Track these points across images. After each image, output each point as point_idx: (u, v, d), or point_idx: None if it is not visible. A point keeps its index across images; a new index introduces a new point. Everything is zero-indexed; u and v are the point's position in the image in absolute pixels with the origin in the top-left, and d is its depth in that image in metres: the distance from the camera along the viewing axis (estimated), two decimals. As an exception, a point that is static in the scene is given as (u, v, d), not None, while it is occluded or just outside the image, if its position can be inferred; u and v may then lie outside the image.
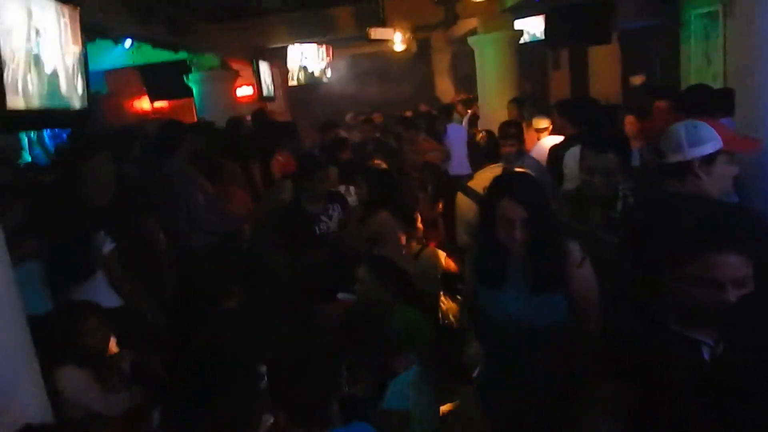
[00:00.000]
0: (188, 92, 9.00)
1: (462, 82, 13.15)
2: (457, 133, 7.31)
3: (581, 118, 4.24)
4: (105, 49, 6.82)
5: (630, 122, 5.51)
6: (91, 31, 4.99)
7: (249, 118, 7.44)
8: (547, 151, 5.13)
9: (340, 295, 2.93)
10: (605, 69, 10.87)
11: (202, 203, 4.39)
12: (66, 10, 3.32)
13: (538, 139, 6.27)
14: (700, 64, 8.12)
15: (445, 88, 13.86)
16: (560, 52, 12.42)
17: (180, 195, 4.30)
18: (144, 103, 9.74)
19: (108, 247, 3.31)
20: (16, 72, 2.73)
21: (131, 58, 8.04)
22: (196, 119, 8.44)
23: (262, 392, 1.83)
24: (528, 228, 2.08)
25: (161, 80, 8.86)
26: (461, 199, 3.83)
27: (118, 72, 8.84)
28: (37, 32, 2.98)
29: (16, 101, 2.72)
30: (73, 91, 3.39)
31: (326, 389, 1.76)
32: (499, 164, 3.83)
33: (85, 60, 3.53)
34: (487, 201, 2.20)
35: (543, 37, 10.06)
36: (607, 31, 8.09)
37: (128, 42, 7.17)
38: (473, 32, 8.50)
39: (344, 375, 1.86)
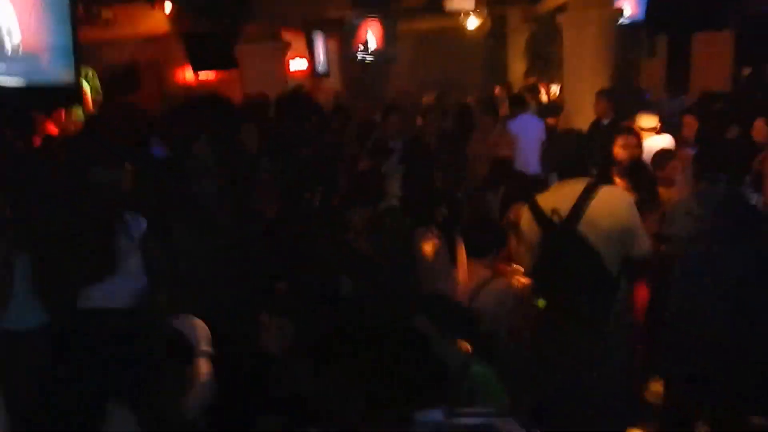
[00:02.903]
0: (234, 63, 8.17)
1: (540, 66, 11.85)
2: (529, 126, 6.08)
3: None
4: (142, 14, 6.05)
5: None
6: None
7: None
8: (652, 155, 4.39)
9: None
10: (712, 59, 9.42)
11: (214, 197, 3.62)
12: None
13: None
14: None
15: (520, 73, 12.56)
16: (657, 37, 10.98)
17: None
18: (187, 74, 8.99)
19: (142, 225, 2.89)
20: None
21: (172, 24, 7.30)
22: (242, 94, 7.61)
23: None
24: None
25: (206, 49, 8.08)
26: (525, 216, 2.85)
27: (158, 40, 8.12)
28: None
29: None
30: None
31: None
32: (585, 178, 2.73)
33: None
34: None
35: (643, 17, 8.86)
36: (722, 12, 6.76)
37: (168, 6, 6.36)
38: (560, 9, 7.32)
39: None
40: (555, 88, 11.06)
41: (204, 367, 2.31)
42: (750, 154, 4.16)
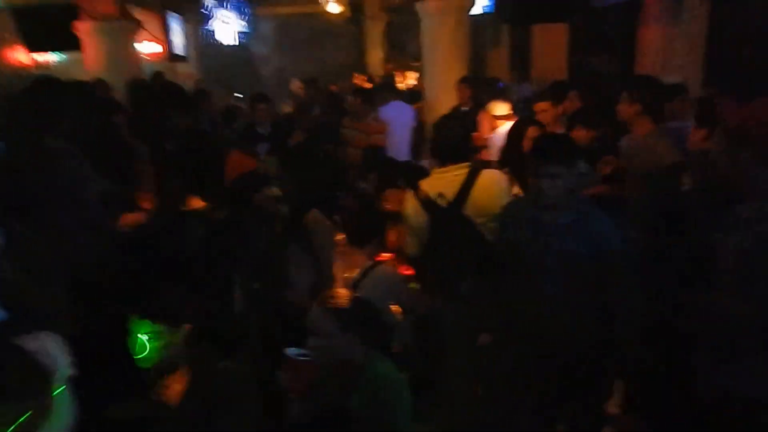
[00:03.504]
0: (76, 44, 7.43)
1: (395, 55, 12.20)
2: (402, 113, 6.21)
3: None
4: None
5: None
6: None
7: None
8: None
9: (290, 352, 1.98)
10: (550, 49, 10.33)
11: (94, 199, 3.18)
12: None
13: (495, 127, 5.54)
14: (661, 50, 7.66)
15: (378, 61, 12.84)
16: (500, 29, 11.80)
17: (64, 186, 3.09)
18: (21, 56, 8.01)
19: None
20: None
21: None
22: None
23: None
24: None
25: (42, 27, 7.23)
26: (410, 201, 2.92)
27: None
28: None
29: None
30: None
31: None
32: (467, 164, 2.87)
33: None
34: None
35: (491, 9, 9.47)
36: (568, 6, 7.45)
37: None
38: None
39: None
40: (411, 76, 11.47)
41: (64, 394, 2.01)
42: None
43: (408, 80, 11.34)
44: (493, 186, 2.79)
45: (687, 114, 5.05)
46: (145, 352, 2.01)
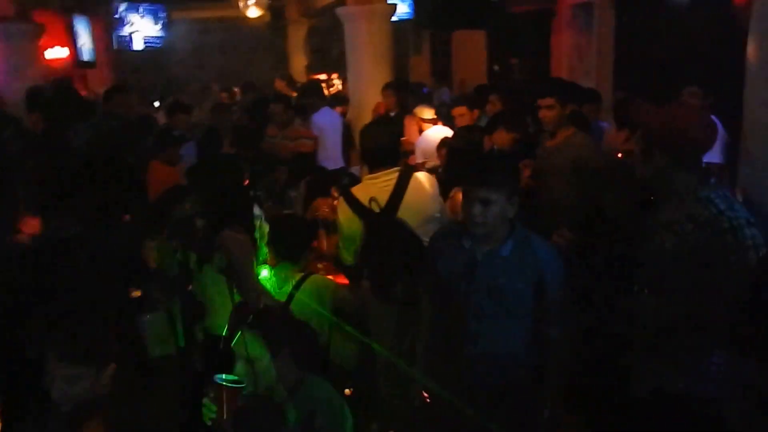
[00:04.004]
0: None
1: (318, 60, 12.11)
2: (329, 119, 6.15)
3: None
4: None
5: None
6: None
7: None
8: (437, 143, 4.66)
9: (218, 379, 1.83)
10: (470, 55, 10.59)
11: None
12: None
13: (422, 131, 5.61)
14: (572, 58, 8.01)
15: (301, 66, 12.69)
16: (421, 36, 11.99)
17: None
18: None
19: None
20: None
21: None
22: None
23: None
24: None
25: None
26: (343, 208, 2.89)
27: None
28: None
29: None
30: None
31: None
32: (397, 169, 2.87)
33: None
34: None
35: (412, 16, 9.59)
36: (482, 13, 7.64)
37: None
38: (339, 3, 7.51)
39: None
40: (335, 82, 11.42)
41: None
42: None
43: (333, 85, 11.28)
44: (425, 189, 2.83)
45: (598, 117, 5.32)
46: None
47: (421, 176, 2.91)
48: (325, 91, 9.99)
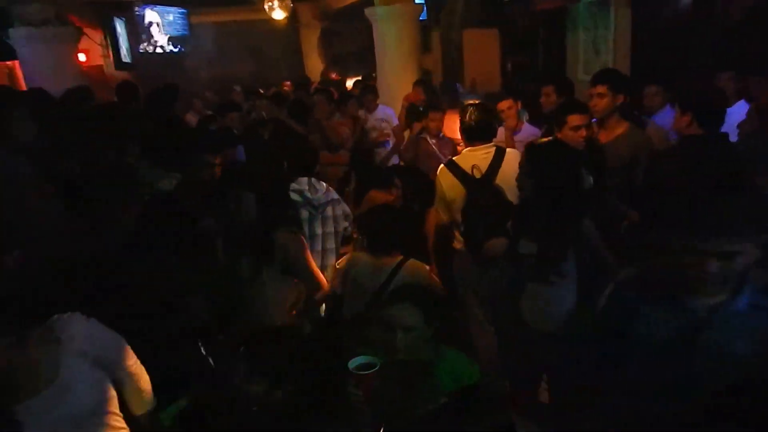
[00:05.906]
0: (10, 53, 7.05)
1: (334, 61, 12.38)
2: (391, 114, 6.59)
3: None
4: None
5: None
6: None
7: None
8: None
9: (356, 362, 1.90)
10: (482, 53, 10.86)
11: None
12: None
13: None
14: (588, 53, 8.34)
15: (315, 67, 12.97)
16: (431, 34, 12.23)
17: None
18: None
19: None
20: None
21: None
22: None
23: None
24: None
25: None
26: (444, 175, 3.31)
27: None
28: None
29: None
30: None
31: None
32: (493, 144, 3.34)
33: None
34: None
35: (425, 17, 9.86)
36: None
37: None
38: (352, 6, 7.76)
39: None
40: (350, 82, 11.67)
41: None
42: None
43: (348, 86, 11.51)
44: (515, 163, 3.11)
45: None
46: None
47: (514, 152, 3.30)
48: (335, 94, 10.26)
